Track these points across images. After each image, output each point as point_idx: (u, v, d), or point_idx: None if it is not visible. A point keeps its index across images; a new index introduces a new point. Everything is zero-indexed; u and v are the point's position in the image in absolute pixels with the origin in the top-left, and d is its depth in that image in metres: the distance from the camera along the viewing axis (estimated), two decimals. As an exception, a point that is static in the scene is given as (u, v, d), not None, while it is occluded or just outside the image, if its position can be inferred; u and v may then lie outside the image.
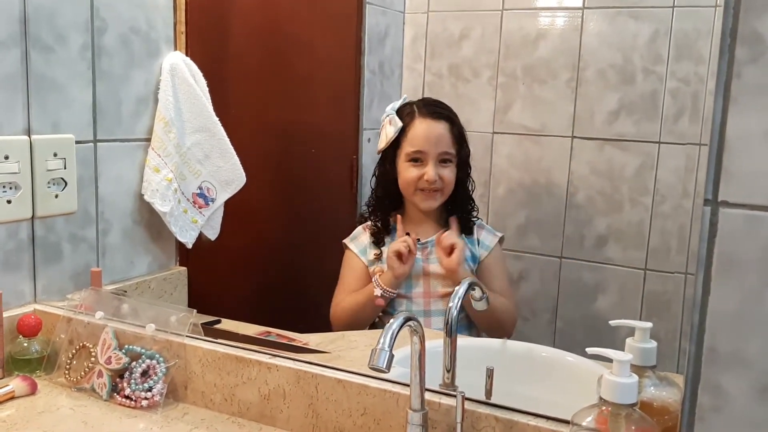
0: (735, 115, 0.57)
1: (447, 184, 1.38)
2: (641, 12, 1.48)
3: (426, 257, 1.40)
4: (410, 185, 1.38)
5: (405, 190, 1.40)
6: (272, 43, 1.59)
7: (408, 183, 1.39)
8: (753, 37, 0.56)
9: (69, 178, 1.19)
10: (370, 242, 1.43)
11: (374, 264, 1.42)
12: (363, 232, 1.45)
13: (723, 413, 0.59)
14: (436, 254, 1.37)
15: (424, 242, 1.41)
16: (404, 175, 1.39)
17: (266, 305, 1.59)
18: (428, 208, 1.39)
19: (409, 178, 1.38)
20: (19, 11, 1.11)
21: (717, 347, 0.59)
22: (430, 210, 1.40)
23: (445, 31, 1.67)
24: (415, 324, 0.79)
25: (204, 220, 1.37)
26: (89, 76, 1.22)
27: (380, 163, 1.44)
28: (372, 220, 1.44)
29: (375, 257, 1.42)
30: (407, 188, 1.39)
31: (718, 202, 0.58)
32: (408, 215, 1.44)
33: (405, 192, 1.41)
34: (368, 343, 1.16)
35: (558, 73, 1.56)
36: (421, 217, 1.42)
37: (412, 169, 1.38)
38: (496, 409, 0.85)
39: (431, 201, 1.38)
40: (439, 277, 1.38)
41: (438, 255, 1.37)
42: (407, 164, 1.39)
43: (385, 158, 1.42)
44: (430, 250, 1.40)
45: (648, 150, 1.48)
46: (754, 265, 0.58)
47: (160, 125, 1.30)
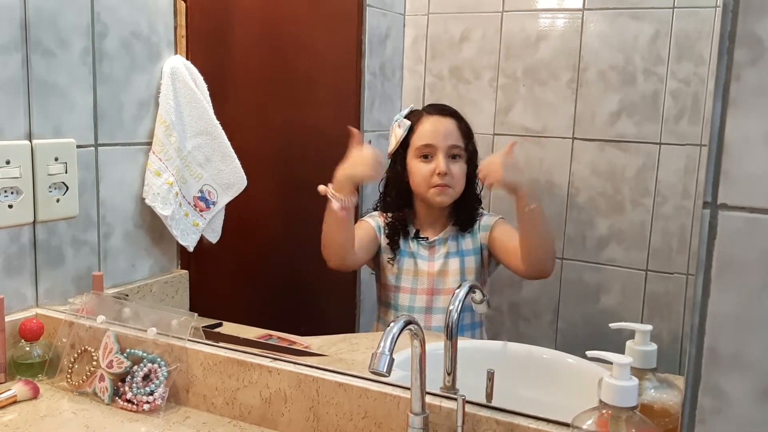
0: (734, 118, 0.57)
1: (457, 180, 1.40)
2: (642, 13, 1.48)
3: (432, 255, 1.42)
4: (423, 182, 1.40)
5: (418, 188, 1.41)
6: (273, 45, 1.59)
7: (420, 180, 1.40)
8: (752, 39, 0.56)
9: (70, 183, 1.19)
10: (385, 226, 1.44)
11: (384, 251, 1.44)
12: (379, 215, 1.47)
13: (724, 415, 0.59)
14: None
15: (431, 241, 1.43)
16: (415, 172, 1.41)
17: (268, 308, 1.59)
18: (441, 203, 1.41)
19: (421, 175, 1.40)
20: (20, 16, 1.12)
21: (717, 349, 0.59)
22: (442, 205, 1.41)
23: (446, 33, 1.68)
24: (416, 327, 0.79)
25: (205, 224, 1.38)
26: (90, 80, 1.22)
27: (391, 165, 1.45)
28: (387, 213, 1.46)
29: (387, 245, 1.44)
30: (420, 185, 1.41)
31: (718, 204, 0.58)
32: (417, 214, 1.45)
33: (418, 190, 1.42)
34: (369, 346, 1.16)
35: (559, 74, 1.57)
36: (430, 216, 1.44)
37: (423, 165, 1.40)
38: (497, 413, 0.85)
39: (444, 196, 1.40)
40: (441, 274, 1.40)
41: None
42: (417, 161, 1.41)
43: (395, 160, 1.45)
44: (437, 248, 1.42)
45: (649, 151, 1.48)
46: (753, 267, 0.58)
47: (161, 129, 1.30)
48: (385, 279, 1.44)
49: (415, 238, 1.43)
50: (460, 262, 1.40)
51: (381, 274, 1.46)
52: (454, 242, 1.42)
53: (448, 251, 1.42)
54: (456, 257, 1.41)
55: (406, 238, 1.44)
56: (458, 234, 1.43)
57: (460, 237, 1.43)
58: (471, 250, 1.42)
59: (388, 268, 1.44)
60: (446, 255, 1.41)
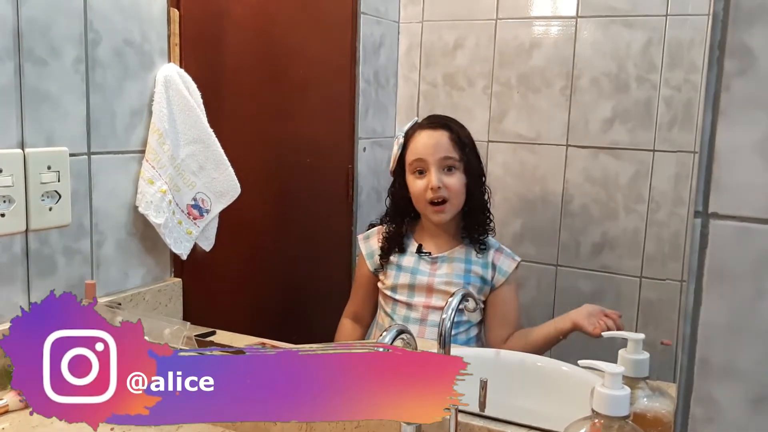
0: (724, 128, 0.57)
1: (454, 192, 1.36)
2: (634, 20, 1.49)
3: (434, 272, 1.40)
4: (420, 199, 1.38)
5: (417, 204, 1.40)
6: (266, 53, 1.59)
7: (417, 197, 1.39)
8: (742, 49, 0.57)
9: (63, 191, 1.19)
10: (379, 247, 1.45)
11: (379, 270, 1.43)
12: (376, 234, 1.47)
13: (716, 424, 0.59)
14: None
15: (434, 257, 1.40)
16: (413, 189, 1.40)
17: (261, 316, 1.59)
18: (439, 221, 1.38)
19: (417, 191, 1.38)
20: (12, 25, 1.11)
21: (709, 358, 0.59)
22: (441, 223, 1.39)
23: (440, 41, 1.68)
24: (408, 337, 0.79)
25: (199, 232, 1.37)
26: (83, 88, 1.22)
27: (393, 183, 1.45)
28: (387, 226, 1.46)
29: (380, 263, 1.44)
30: (419, 202, 1.40)
31: (709, 213, 0.58)
32: (423, 228, 1.44)
33: (418, 206, 1.41)
34: (363, 354, 1.16)
35: (552, 81, 1.57)
36: (434, 231, 1.42)
37: (418, 181, 1.38)
38: (490, 422, 0.85)
39: (441, 214, 1.37)
40: (440, 292, 1.37)
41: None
42: (413, 177, 1.40)
43: (396, 178, 1.44)
44: (439, 265, 1.40)
45: (642, 158, 1.49)
46: (745, 276, 0.58)
47: (154, 137, 1.30)
48: (383, 287, 1.44)
49: (417, 253, 1.41)
50: (465, 286, 1.37)
51: (380, 282, 1.46)
52: (461, 264, 1.39)
53: (454, 272, 1.38)
54: (461, 279, 1.38)
55: (403, 253, 1.42)
56: (468, 255, 1.40)
57: (470, 260, 1.39)
58: (479, 278, 1.38)
59: (384, 279, 1.43)
60: (450, 275, 1.38)
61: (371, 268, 1.45)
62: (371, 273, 1.46)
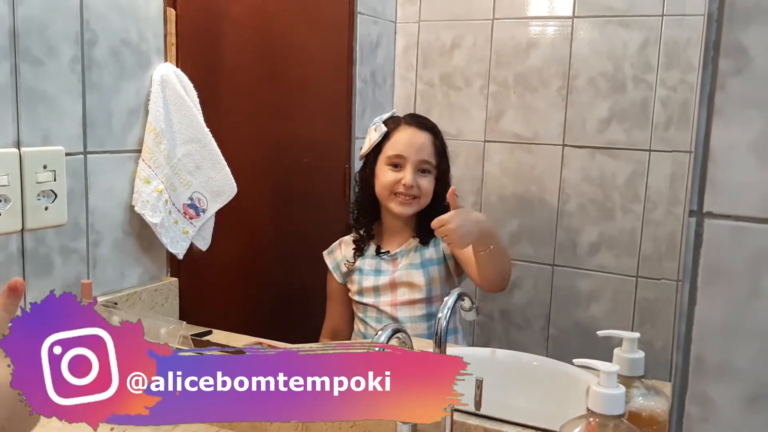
0: (719, 127, 0.57)
1: (424, 193, 1.39)
2: (631, 20, 1.49)
3: (394, 269, 1.42)
4: (386, 189, 1.39)
5: (380, 194, 1.41)
6: (263, 53, 1.59)
7: (384, 186, 1.40)
8: (737, 49, 0.57)
9: (59, 191, 1.19)
10: (346, 253, 1.46)
11: (347, 277, 1.44)
12: (338, 247, 1.49)
13: (711, 423, 0.59)
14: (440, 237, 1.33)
15: (393, 254, 1.42)
16: (382, 178, 1.40)
17: (258, 316, 1.59)
18: (402, 213, 1.39)
19: (387, 182, 1.39)
20: (8, 24, 1.11)
21: (704, 357, 0.59)
22: (403, 215, 1.40)
23: (437, 41, 1.68)
24: (404, 336, 0.79)
25: (195, 231, 1.37)
26: (79, 88, 1.21)
27: (362, 168, 1.46)
28: (355, 229, 1.47)
29: (347, 268, 1.44)
30: (383, 191, 1.40)
31: (704, 213, 0.59)
32: (383, 225, 1.46)
33: (380, 196, 1.42)
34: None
35: (549, 81, 1.57)
36: (393, 228, 1.44)
37: (390, 173, 1.39)
38: (486, 421, 0.85)
39: (406, 207, 1.39)
40: (404, 285, 1.39)
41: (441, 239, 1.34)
42: (386, 168, 1.40)
43: (366, 163, 1.45)
44: (399, 260, 1.42)
45: (639, 158, 1.49)
46: (739, 275, 0.58)
47: (150, 136, 1.30)
48: (351, 294, 1.46)
49: (377, 254, 1.43)
50: (425, 273, 1.39)
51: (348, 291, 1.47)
52: (417, 253, 1.41)
53: (411, 263, 1.41)
54: (419, 269, 1.40)
55: (363, 257, 1.44)
56: (419, 245, 1.42)
57: (423, 248, 1.42)
58: (435, 260, 1.41)
59: (351, 286, 1.45)
60: (409, 266, 1.40)
61: (339, 280, 1.47)
62: (341, 285, 1.47)
